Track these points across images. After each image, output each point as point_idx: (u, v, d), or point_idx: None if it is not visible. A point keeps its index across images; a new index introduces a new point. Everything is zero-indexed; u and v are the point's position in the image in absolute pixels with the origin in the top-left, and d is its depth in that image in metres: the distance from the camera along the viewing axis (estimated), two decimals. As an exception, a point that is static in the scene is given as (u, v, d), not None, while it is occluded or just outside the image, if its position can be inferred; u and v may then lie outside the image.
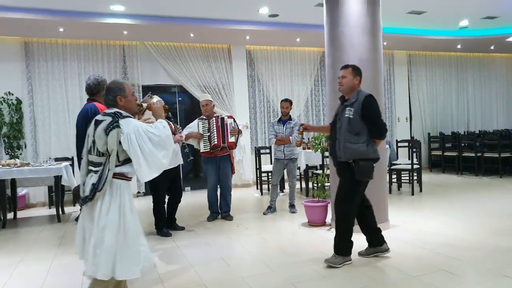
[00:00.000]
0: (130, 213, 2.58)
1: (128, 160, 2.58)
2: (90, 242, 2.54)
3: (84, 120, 3.63)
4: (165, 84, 8.48)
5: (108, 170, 2.53)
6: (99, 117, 2.66)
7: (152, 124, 2.73)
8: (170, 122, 5.35)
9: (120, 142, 2.51)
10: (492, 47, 10.65)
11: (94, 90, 3.79)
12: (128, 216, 2.56)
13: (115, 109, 2.65)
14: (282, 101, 6.17)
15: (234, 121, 5.83)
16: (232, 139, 5.66)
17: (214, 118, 5.63)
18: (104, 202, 2.53)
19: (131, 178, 2.69)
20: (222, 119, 5.67)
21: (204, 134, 5.60)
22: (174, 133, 5.23)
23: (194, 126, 5.69)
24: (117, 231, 2.51)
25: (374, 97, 3.80)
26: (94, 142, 2.59)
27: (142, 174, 2.55)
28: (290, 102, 6.18)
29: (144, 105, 3.13)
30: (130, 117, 2.67)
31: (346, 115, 3.67)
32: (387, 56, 10.20)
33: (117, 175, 2.58)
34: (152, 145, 2.56)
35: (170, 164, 5.16)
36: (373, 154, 3.67)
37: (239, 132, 5.82)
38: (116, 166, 2.57)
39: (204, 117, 5.70)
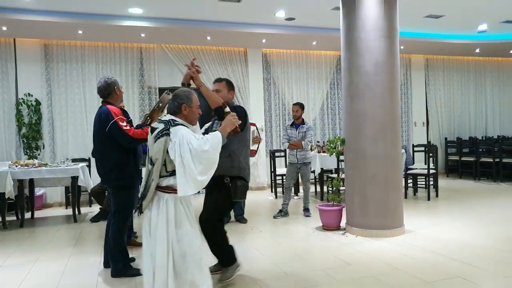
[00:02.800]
0: (180, 230, 2.46)
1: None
2: (147, 256, 2.52)
3: (98, 123, 3.68)
4: (181, 87, 8.52)
5: (152, 180, 2.45)
6: (155, 124, 2.61)
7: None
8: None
9: (168, 151, 2.42)
10: (511, 51, 10.46)
11: (105, 92, 3.77)
12: (174, 233, 2.45)
13: (171, 117, 2.57)
14: (293, 105, 6.16)
15: (257, 129, 5.76)
16: (253, 147, 5.60)
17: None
18: (152, 215, 2.47)
19: None
20: None
21: None
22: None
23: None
24: (166, 249, 2.42)
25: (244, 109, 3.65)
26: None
27: (179, 187, 2.38)
28: (301, 106, 6.15)
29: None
30: (183, 124, 2.56)
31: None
32: (404, 60, 10.11)
33: (163, 188, 2.48)
34: (190, 157, 2.40)
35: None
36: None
37: (260, 140, 5.79)
38: (163, 176, 2.46)
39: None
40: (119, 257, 3.68)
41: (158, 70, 8.29)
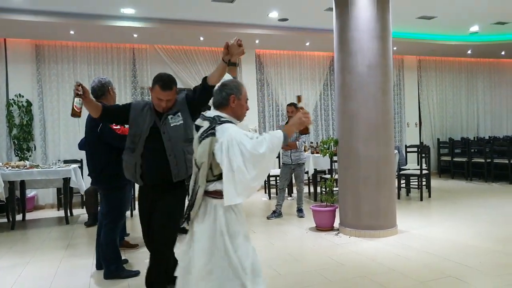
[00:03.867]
0: (229, 243, 2.15)
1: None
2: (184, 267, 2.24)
3: (89, 124, 3.67)
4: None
5: (198, 186, 2.18)
6: (198, 121, 2.31)
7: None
8: None
9: (213, 153, 2.12)
10: (503, 53, 10.56)
11: (99, 92, 3.76)
12: (223, 245, 2.14)
13: (217, 113, 2.26)
14: (288, 105, 6.15)
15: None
16: None
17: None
18: (198, 222, 2.21)
19: None
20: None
21: None
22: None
23: None
24: (205, 262, 2.14)
25: None
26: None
27: (226, 195, 2.07)
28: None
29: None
30: (231, 122, 2.24)
31: (173, 124, 2.86)
32: (397, 61, 10.15)
33: (210, 193, 2.20)
34: (242, 160, 2.05)
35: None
36: None
37: None
38: (210, 181, 2.18)
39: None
40: (112, 258, 3.65)
41: (151, 70, 8.24)
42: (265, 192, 8.25)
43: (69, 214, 6.33)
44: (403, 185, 7.70)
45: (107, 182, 3.61)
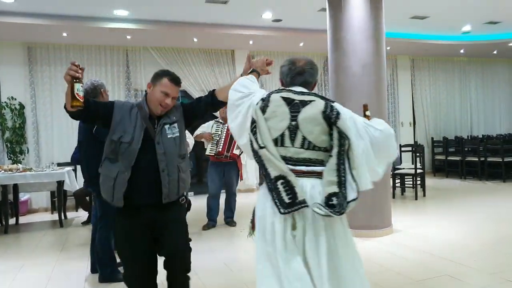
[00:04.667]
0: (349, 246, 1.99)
1: None
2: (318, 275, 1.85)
3: (83, 126, 3.64)
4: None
5: (345, 174, 1.87)
6: (291, 95, 2.00)
7: None
8: None
9: (344, 135, 1.92)
10: (495, 52, 10.63)
11: (91, 94, 3.72)
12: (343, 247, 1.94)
13: (303, 89, 2.07)
14: None
15: None
16: (236, 151, 5.52)
17: (226, 126, 5.51)
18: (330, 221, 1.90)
19: None
20: None
21: (214, 138, 5.49)
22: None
23: (208, 127, 5.56)
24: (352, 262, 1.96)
25: None
26: (296, 127, 1.91)
27: (362, 180, 1.90)
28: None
29: None
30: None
31: (170, 136, 2.44)
32: (390, 61, 10.18)
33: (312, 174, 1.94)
34: (370, 143, 1.93)
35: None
36: None
37: None
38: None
39: (220, 121, 5.60)
40: (107, 262, 3.63)
41: (145, 72, 8.21)
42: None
43: (63, 217, 6.28)
44: (398, 185, 7.72)
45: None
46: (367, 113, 2.30)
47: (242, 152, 5.68)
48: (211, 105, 2.59)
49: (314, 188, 1.89)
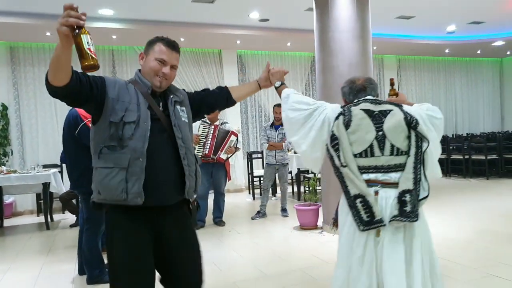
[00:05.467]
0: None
1: None
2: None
3: (67, 127, 3.59)
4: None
5: (420, 173, 1.98)
6: (369, 106, 2.06)
7: None
8: None
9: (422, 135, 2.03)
10: (479, 52, 10.81)
11: None
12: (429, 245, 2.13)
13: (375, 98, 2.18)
14: (275, 106, 6.13)
15: (237, 140, 5.62)
16: (223, 156, 5.49)
17: (213, 126, 5.51)
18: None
19: None
20: (225, 132, 5.52)
21: (201, 139, 5.42)
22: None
23: (195, 128, 5.41)
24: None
25: None
26: (384, 137, 1.98)
27: (437, 172, 2.11)
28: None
29: None
30: None
31: (184, 119, 2.04)
32: (377, 61, 10.28)
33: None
34: (436, 133, 2.11)
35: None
36: None
37: (236, 150, 5.68)
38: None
39: (207, 121, 5.53)
40: (94, 263, 3.60)
41: (131, 72, 8.13)
42: (249, 193, 8.24)
43: (49, 220, 6.19)
44: (385, 183, 7.79)
45: (86, 186, 3.53)
46: (394, 86, 2.50)
47: (229, 157, 5.66)
48: (224, 103, 2.29)
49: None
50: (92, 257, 3.59)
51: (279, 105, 6.12)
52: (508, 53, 11.28)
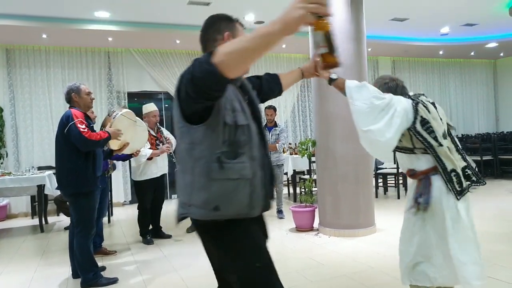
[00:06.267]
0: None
1: None
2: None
3: (59, 126, 3.57)
4: (151, 91, 8.43)
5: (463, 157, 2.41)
6: (424, 98, 2.39)
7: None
8: (160, 130, 5.29)
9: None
10: (472, 53, 10.88)
11: (67, 99, 3.72)
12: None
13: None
14: (265, 108, 6.16)
15: None
16: None
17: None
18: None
19: None
20: None
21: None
22: (162, 142, 5.18)
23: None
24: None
25: None
26: (443, 123, 2.36)
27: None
28: (274, 109, 6.19)
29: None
30: None
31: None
32: (371, 62, 10.33)
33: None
34: None
35: (157, 173, 5.11)
36: None
37: None
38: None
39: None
40: (88, 267, 3.58)
41: (127, 74, 8.14)
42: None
43: (44, 222, 6.17)
44: (381, 184, 7.82)
45: (71, 187, 3.50)
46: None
47: None
48: (276, 92, 2.09)
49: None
50: (85, 261, 3.57)
51: (269, 107, 6.15)
52: (502, 54, 11.36)
